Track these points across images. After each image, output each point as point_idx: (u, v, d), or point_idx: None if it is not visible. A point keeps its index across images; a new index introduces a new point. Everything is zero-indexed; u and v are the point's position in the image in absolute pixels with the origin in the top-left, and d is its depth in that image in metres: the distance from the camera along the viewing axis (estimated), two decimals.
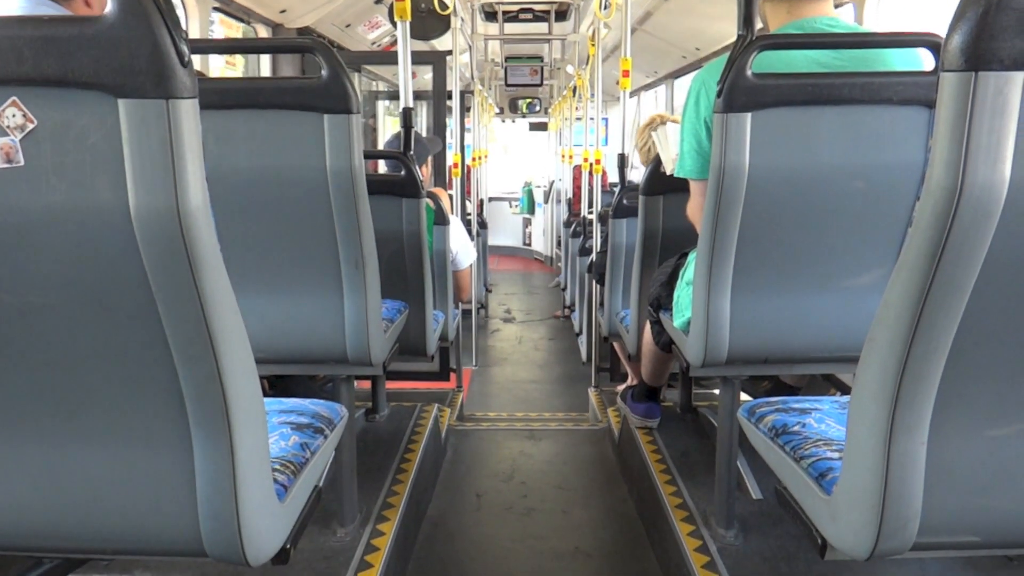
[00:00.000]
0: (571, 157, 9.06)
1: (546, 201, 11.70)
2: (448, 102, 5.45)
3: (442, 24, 5.03)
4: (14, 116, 0.83)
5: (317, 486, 1.31)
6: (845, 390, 2.71)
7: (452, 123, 6.20)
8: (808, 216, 1.72)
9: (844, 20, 2.00)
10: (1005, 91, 0.84)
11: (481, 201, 8.71)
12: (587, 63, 6.05)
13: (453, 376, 4.12)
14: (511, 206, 12.68)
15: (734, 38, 1.63)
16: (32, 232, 0.87)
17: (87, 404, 1.00)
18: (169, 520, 1.03)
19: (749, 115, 1.60)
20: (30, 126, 0.83)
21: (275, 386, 2.77)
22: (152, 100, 0.82)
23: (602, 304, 3.72)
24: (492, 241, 9.25)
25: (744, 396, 2.18)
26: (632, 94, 6.28)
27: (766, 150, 1.63)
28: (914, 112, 1.63)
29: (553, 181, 11.14)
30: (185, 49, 0.83)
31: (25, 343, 0.95)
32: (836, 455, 1.22)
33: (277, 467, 1.17)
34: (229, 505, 1.00)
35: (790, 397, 1.51)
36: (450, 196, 4.68)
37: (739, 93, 1.59)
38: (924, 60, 1.78)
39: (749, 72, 1.58)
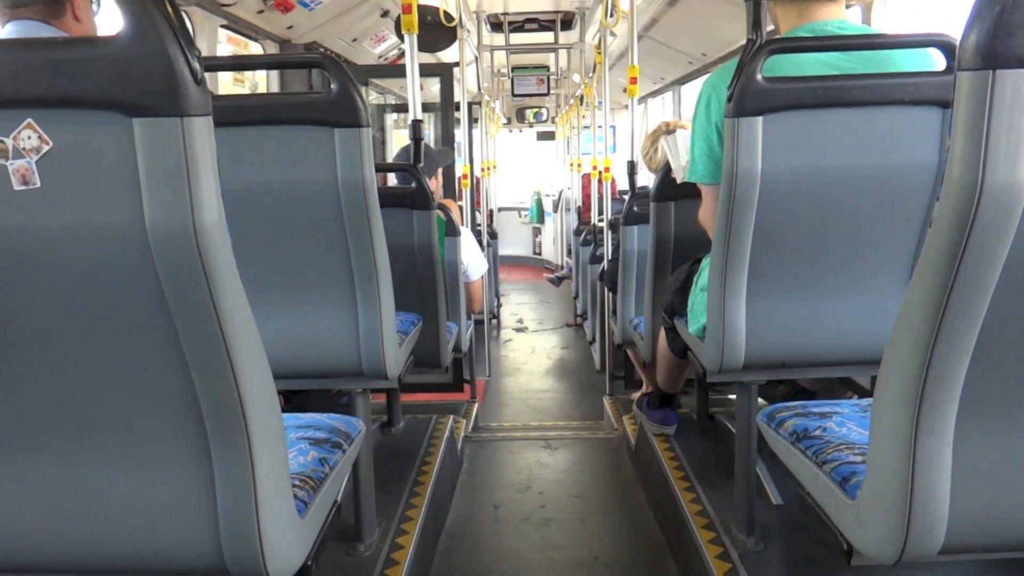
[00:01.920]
0: (579, 165, 9.06)
1: (555, 210, 11.69)
2: (456, 113, 5.46)
3: (448, 36, 5.04)
4: (30, 138, 0.83)
5: (336, 501, 1.30)
6: (863, 393, 2.69)
7: (460, 134, 6.21)
8: (822, 219, 1.71)
9: (853, 22, 2.00)
10: (1023, 89, 0.83)
11: (491, 211, 8.71)
12: (593, 71, 6.05)
13: (467, 387, 4.11)
14: (520, 215, 12.68)
15: (742, 42, 1.63)
16: (49, 252, 0.88)
17: (106, 423, 0.99)
18: (189, 538, 1.02)
19: (760, 119, 1.59)
20: (45, 147, 0.83)
21: (291, 401, 2.77)
22: (166, 119, 0.82)
23: (615, 312, 3.71)
24: (502, 251, 9.24)
25: (759, 401, 2.17)
26: (639, 101, 6.27)
27: (778, 154, 1.62)
28: (927, 112, 1.62)
29: (562, 190, 11.14)
30: (198, 67, 0.83)
31: (44, 363, 0.95)
32: (859, 459, 1.20)
33: (297, 483, 1.17)
34: (250, 522, 0.99)
35: (809, 401, 1.49)
36: (460, 207, 4.68)
37: (749, 97, 1.58)
38: (934, 60, 1.77)
39: (759, 76, 1.57)
